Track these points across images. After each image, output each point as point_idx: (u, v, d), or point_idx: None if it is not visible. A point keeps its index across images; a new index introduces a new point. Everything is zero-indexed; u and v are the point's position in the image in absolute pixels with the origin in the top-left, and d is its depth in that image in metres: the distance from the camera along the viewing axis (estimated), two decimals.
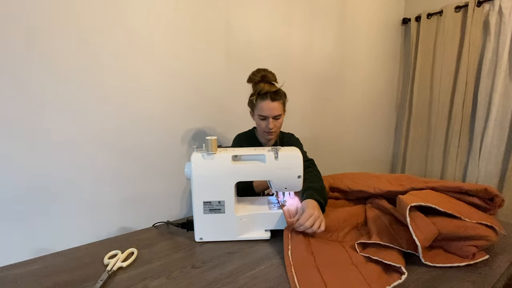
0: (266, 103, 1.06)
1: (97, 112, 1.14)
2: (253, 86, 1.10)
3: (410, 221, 0.71)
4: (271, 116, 1.07)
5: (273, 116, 1.08)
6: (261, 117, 1.09)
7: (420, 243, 0.69)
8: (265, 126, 1.10)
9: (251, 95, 1.12)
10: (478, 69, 1.89)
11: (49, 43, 1.01)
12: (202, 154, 0.84)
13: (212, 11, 1.36)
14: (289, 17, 1.63)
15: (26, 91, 0.99)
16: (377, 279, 0.65)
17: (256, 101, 1.08)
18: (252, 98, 1.11)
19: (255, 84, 1.09)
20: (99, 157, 1.17)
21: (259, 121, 1.11)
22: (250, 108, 1.16)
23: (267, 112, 1.07)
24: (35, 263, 0.77)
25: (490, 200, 0.83)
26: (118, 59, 1.15)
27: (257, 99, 1.08)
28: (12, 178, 1.00)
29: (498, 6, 1.73)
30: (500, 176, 1.86)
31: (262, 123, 1.10)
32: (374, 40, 2.12)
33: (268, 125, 1.08)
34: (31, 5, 0.96)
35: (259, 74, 1.07)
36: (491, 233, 0.74)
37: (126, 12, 1.14)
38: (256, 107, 1.09)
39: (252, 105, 1.12)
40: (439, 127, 2.09)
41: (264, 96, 1.06)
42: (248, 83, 1.10)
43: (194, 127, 1.40)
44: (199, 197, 0.84)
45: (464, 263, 0.71)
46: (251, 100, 1.11)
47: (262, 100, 1.06)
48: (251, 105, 1.13)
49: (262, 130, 1.13)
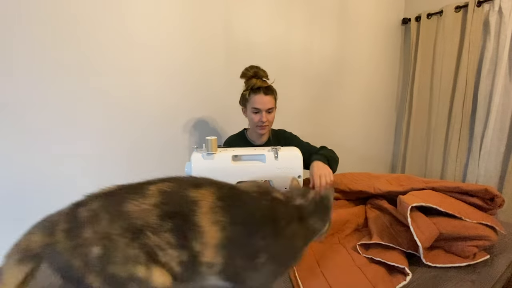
0: (260, 96, 1.11)
1: (97, 112, 1.14)
2: (245, 81, 1.15)
3: (411, 221, 0.71)
4: (264, 109, 1.12)
5: (266, 109, 1.12)
6: (255, 110, 1.13)
7: (421, 243, 0.69)
8: (258, 119, 1.13)
9: (244, 90, 1.16)
10: (478, 69, 1.89)
11: (49, 43, 1.01)
12: (202, 154, 0.84)
13: (212, 12, 1.35)
14: (289, 17, 1.63)
15: (26, 91, 0.99)
16: (382, 280, 0.64)
17: (249, 96, 1.13)
18: (245, 93, 1.14)
19: (248, 80, 1.13)
20: (99, 157, 1.16)
21: (252, 115, 1.14)
22: (242, 104, 1.19)
23: (260, 105, 1.11)
24: None
25: (490, 200, 0.83)
26: (117, 59, 1.15)
27: (250, 93, 1.12)
28: (12, 178, 1.00)
29: (498, 6, 1.73)
30: (500, 176, 1.86)
31: (255, 116, 1.13)
32: (374, 40, 2.12)
33: (262, 118, 1.12)
34: (31, 5, 0.96)
35: (252, 70, 1.12)
36: (491, 233, 0.74)
37: (126, 12, 1.14)
38: (249, 101, 1.13)
39: (244, 100, 1.16)
40: (439, 127, 2.09)
41: (257, 90, 1.11)
42: (241, 78, 1.14)
43: (194, 127, 1.40)
44: None
45: (465, 263, 0.71)
46: (244, 95, 1.15)
47: (255, 94, 1.11)
48: (244, 101, 1.16)
49: (254, 125, 1.16)
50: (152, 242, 0.41)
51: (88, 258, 0.38)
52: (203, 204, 0.45)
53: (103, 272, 0.38)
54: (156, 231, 0.41)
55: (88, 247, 0.39)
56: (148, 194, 0.44)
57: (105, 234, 0.39)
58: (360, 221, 0.94)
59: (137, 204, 0.42)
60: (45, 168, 1.06)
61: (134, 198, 0.43)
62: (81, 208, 0.43)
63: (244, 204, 0.49)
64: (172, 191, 0.46)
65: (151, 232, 0.41)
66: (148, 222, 0.41)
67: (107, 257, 0.38)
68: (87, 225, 0.40)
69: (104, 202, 0.43)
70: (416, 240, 0.69)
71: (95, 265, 0.38)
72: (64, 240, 0.39)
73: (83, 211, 0.42)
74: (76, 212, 0.42)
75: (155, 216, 0.42)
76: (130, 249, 0.40)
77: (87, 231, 0.39)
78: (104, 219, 0.40)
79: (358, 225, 0.93)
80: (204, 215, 0.44)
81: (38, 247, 0.40)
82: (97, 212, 0.41)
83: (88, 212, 0.41)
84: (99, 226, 0.40)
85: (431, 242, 0.72)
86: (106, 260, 0.39)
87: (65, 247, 0.39)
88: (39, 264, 0.40)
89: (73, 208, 0.43)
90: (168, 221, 0.42)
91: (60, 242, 0.39)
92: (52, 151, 1.06)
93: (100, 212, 0.41)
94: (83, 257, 0.38)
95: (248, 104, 1.14)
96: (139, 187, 0.47)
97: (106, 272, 0.38)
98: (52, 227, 0.42)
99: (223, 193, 0.48)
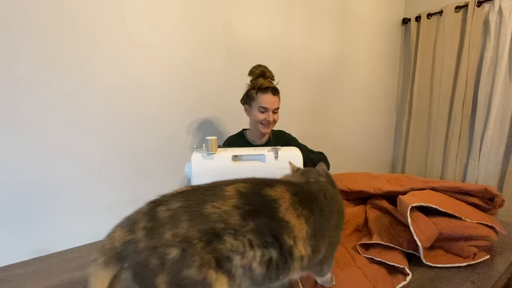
0: (268, 96, 1.13)
1: (96, 112, 1.14)
2: (252, 80, 1.15)
3: (411, 221, 0.71)
4: (272, 109, 1.14)
5: (273, 109, 1.14)
6: (262, 109, 1.14)
7: (421, 243, 0.69)
8: (264, 118, 1.15)
9: (249, 89, 1.16)
10: (478, 69, 1.89)
11: (49, 43, 1.01)
12: (202, 154, 0.84)
13: (211, 12, 1.35)
14: (289, 17, 1.63)
15: (26, 91, 0.99)
16: (382, 281, 0.64)
17: (257, 95, 1.14)
18: (251, 92, 1.15)
19: (255, 79, 1.14)
20: (98, 157, 1.16)
21: (258, 114, 1.15)
22: (247, 103, 1.19)
23: (268, 104, 1.13)
24: (35, 263, 0.77)
25: (490, 200, 0.83)
26: (117, 59, 1.15)
27: (258, 92, 1.13)
28: (12, 179, 1.00)
29: (498, 6, 1.73)
30: (500, 176, 1.86)
31: (262, 115, 1.15)
32: (374, 40, 2.12)
33: (268, 117, 1.14)
34: (31, 5, 0.96)
35: (260, 69, 1.13)
36: (491, 233, 0.74)
37: (126, 12, 1.14)
38: (256, 100, 1.14)
39: (250, 99, 1.16)
40: (439, 127, 2.09)
41: (266, 90, 1.13)
42: (249, 76, 1.15)
43: (194, 127, 1.40)
44: None
45: (465, 263, 0.71)
46: (250, 94, 1.15)
47: (263, 93, 1.13)
48: (249, 99, 1.17)
49: (259, 123, 1.17)
50: (227, 246, 0.41)
51: (165, 259, 0.38)
52: (283, 201, 0.47)
53: (176, 275, 0.38)
54: (238, 233, 0.42)
55: (168, 248, 0.39)
56: (227, 195, 0.45)
57: (185, 237, 0.40)
58: (360, 221, 0.93)
59: (217, 206, 0.43)
60: (45, 168, 1.06)
61: (214, 200, 0.43)
62: (160, 207, 0.43)
63: (310, 194, 0.53)
64: (249, 191, 0.47)
65: (231, 235, 0.41)
66: (229, 224, 0.42)
67: (183, 260, 0.39)
68: (167, 226, 0.40)
69: (184, 203, 0.43)
70: (416, 240, 0.69)
71: (171, 267, 0.38)
72: (145, 239, 0.39)
73: (163, 211, 0.42)
74: (155, 211, 0.42)
75: (237, 217, 0.42)
76: (205, 253, 0.40)
77: (167, 232, 0.40)
78: (184, 221, 0.41)
79: (358, 225, 0.93)
80: (287, 211, 0.46)
81: (120, 244, 0.40)
82: (177, 212, 0.42)
83: (168, 212, 0.42)
84: (179, 227, 0.40)
85: (431, 242, 0.72)
86: (182, 263, 0.39)
87: (145, 246, 0.39)
88: (123, 266, 0.40)
89: (152, 207, 0.43)
90: (251, 221, 0.43)
91: (141, 240, 0.39)
92: (52, 151, 1.06)
93: (180, 213, 0.41)
94: (161, 257, 0.38)
95: (254, 103, 1.15)
96: (216, 188, 0.47)
97: (179, 275, 0.38)
98: (132, 225, 0.42)
99: (293, 189, 0.51)
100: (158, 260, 0.38)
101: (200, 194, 0.45)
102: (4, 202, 1.00)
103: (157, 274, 0.38)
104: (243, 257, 0.42)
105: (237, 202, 0.44)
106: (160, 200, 0.45)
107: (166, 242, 0.39)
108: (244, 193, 0.46)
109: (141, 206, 0.45)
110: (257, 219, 0.43)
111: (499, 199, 0.81)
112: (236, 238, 0.41)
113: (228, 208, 0.43)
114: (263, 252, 0.43)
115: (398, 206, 0.81)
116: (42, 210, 1.07)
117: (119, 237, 0.41)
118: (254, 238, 0.42)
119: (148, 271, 0.38)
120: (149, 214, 0.42)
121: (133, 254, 0.39)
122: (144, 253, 0.39)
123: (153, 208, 0.43)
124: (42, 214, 1.07)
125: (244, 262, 0.42)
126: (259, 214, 0.44)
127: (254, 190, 0.47)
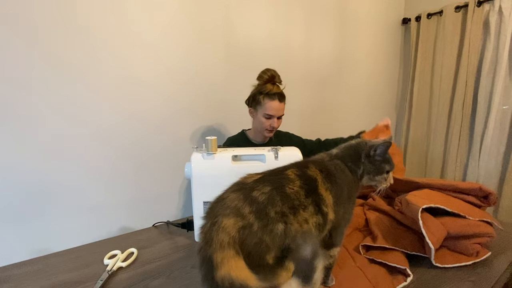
0: (275, 103, 1.11)
1: (95, 111, 1.14)
2: (260, 84, 1.13)
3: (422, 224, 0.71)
4: (277, 116, 1.14)
5: (278, 116, 1.14)
6: (267, 115, 1.13)
7: (433, 245, 0.69)
8: (269, 124, 1.14)
9: (256, 93, 1.14)
10: (478, 69, 1.89)
11: (49, 43, 1.01)
12: (202, 154, 0.84)
13: (212, 11, 1.35)
14: (289, 17, 1.63)
15: (25, 90, 0.99)
16: (383, 281, 0.64)
17: (264, 100, 1.12)
18: (259, 97, 1.13)
19: (264, 84, 1.12)
20: (99, 157, 1.16)
21: (263, 120, 1.14)
22: (252, 106, 1.17)
23: (275, 111, 1.12)
24: (35, 263, 0.77)
25: (484, 198, 0.83)
26: (117, 58, 1.15)
27: (265, 98, 1.12)
28: (12, 179, 1.00)
29: (498, 6, 1.73)
30: (500, 176, 1.86)
31: (267, 121, 1.14)
32: (374, 40, 2.12)
33: (273, 124, 1.14)
34: (31, 5, 0.96)
35: (269, 73, 1.12)
36: (491, 230, 0.75)
37: (125, 9, 1.14)
38: (263, 106, 1.13)
39: (256, 103, 1.14)
40: (439, 127, 2.09)
41: (273, 96, 1.11)
42: (257, 80, 1.14)
43: (194, 127, 1.40)
44: (199, 197, 0.84)
45: (470, 261, 0.71)
46: (257, 99, 1.13)
47: (271, 99, 1.11)
48: (256, 103, 1.15)
49: (264, 128, 1.16)
50: (302, 217, 0.51)
51: (274, 234, 0.46)
52: (318, 179, 0.57)
53: (282, 246, 0.47)
54: (305, 207, 0.52)
55: (275, 224, 0.47)
56: (291, 178, 0.55)
57: (283, 213, 0.49)
58: (360, 221, 0.94)
59: (291, 187, 0.53)
60: (45, 168, 1.06)
61: (287, 183, 0.53)
62: (255, 192, 0.50)
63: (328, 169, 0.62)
64: (301, 174, 0.57)
65: (301, 209, 0.51)
66: (301, 201, 0.52)
67: (287, 232, 0.47)
68: (268, 206, 0.48)
69: (271, 186, 0.52)
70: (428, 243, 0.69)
71: (280, 240, 0.46)
72: (256, 221, 0.46)
73: (260, 195, 0.50)
74: (252, 196, 0.50)
75: (303, 195, 0.53)
76: (296, 224, 0.49)
77: (271, 211, 0.48)
78: (278, 201, 0.50)
79: (358, 225, 0.93)
80: (321, 186, 0.57)
81: (236, 231, 0.46)
82: (271, 195, 0.50)
83: (264, 195, 0.50)
84: (277, 206, 0.49)
85: (440, 243, 0.72)
86: (286, 234, 0.47)
87: (259, 226, 0.46)
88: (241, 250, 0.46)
89: (246, 193, 0.51)
90: (309, 197, 0.54)
91: (254, 223, 0.46)
92: (52, 151, 1.06)
93: (273, 195, 0.50)
94: (271, 234, 0.46)
95: (260, 108, 1.13)
96: (281, 173, 0.57)
97: (284, 245, 0.47)
98: (238, 211, 0.48)
99: (320, 166, 0.61)
100: (269, 236, 0.46)
101: (275, 178, 0.55)
102: (4, 202, 1.00)
103: (269, 251, 0.46)
104: (307, 224, 0.52)
105: (300, 183, 0.54)
106: (250, 186, 0.52)
107: (273, 220, 0.47)
108: (300, 175, 0.56)
109: (222, 197, 0.52)
110: (312, 195, 0.54)
111: (493, 197, 0.82)
112: (304, 211, 0.52)
113: (297, 189, 0.53)
114: (317, 219, 0.54)
115: (405, 208, 0.81)
116: (42, 210, 1.07)
117: (232, 224, 0.46)
118: (313, 208, 0.53)
119: (261, 248, 0.45)
120: (249, 200, 0.49)
121: (249, 236, 0.45)
122: (259, 233, 0.46)
123: (247, 194, 0.50)
124: (42, 214, 1.07)
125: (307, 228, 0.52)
126: (312, 191, 0.55)
127: (303, 173, 0.57)
